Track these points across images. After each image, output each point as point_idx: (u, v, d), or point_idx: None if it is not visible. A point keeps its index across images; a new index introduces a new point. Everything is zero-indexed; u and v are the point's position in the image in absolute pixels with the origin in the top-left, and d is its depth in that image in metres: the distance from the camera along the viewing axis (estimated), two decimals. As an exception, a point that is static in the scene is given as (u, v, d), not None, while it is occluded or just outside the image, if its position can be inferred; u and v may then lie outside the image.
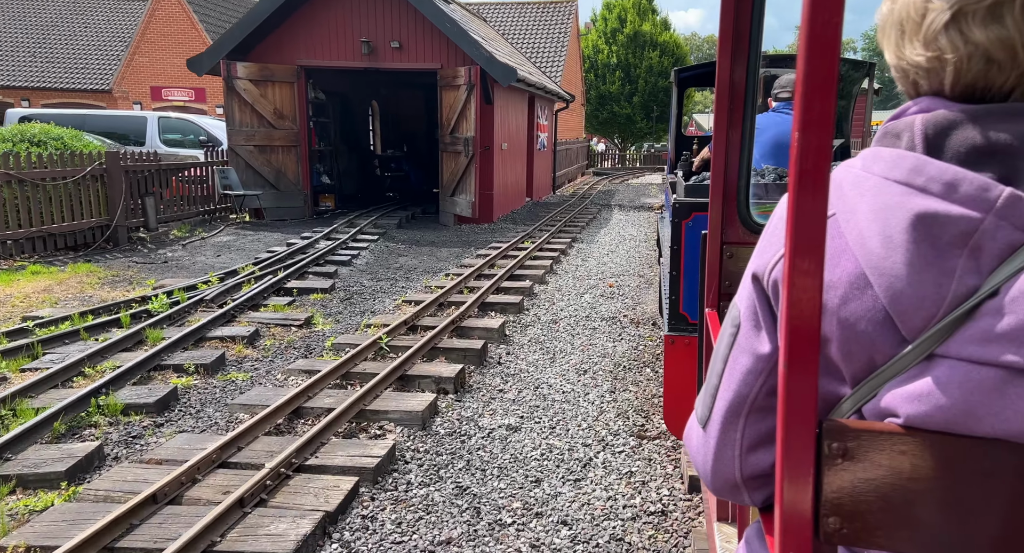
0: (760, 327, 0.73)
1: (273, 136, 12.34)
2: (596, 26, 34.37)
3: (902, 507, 0.61)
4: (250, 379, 4.63)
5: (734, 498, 0.81)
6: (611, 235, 11.96)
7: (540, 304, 7.12)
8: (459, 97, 12.04)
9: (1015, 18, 0.60)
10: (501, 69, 11.78)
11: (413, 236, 11.44)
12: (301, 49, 12.43)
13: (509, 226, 12.62)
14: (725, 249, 1.78)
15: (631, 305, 7.18)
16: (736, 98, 1.71)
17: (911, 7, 0.66)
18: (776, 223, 0.73)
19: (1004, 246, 0.58)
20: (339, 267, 8.54)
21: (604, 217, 14.55)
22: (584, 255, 10.04)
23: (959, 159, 0.62)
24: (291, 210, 12.66)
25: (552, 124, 19.09)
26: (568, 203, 16.56)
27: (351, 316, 6.43)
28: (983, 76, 0.63)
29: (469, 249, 10.34)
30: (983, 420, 0.59)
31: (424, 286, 7.63)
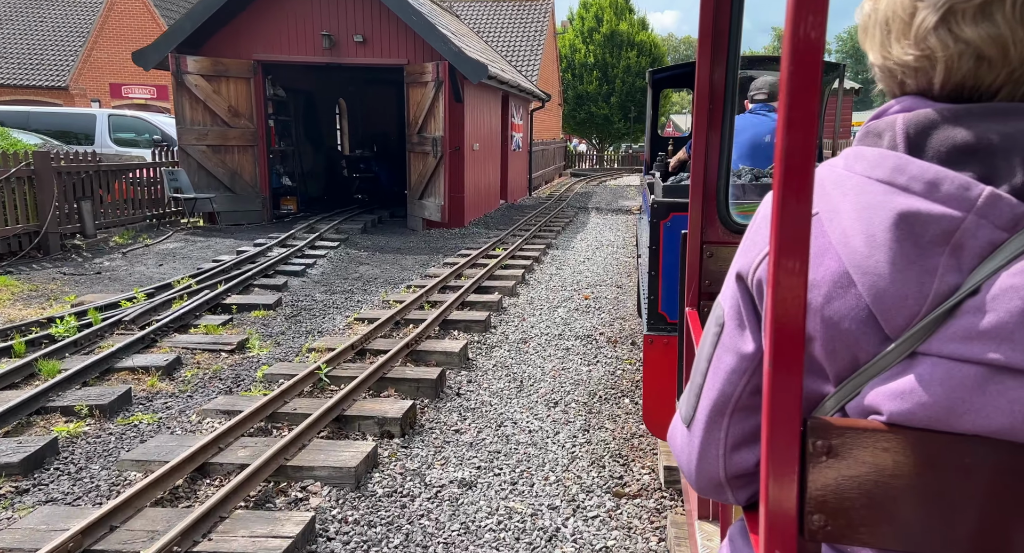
0: (744, 326, 0.73)
1: (228, 135, 11.51)
2: (573, 25, 33.82)
3: (885, 504, 0.62)
4: (157, 422, 3.88)
5: (718, 497, 0.80)
6: (587, 240, 11.33)
7: (509, 320, 6.45)
8: (427, 94, 11.32)
9: (1005, 16, 0.60)
10: (471, 65, 11.09)
11: (377, 242, 10.70)
12: (258, 43, 11.61)
13: (481, 231, 11.94)
14: (705, 249, 1.77)
15: (608, 320, 6.54)
16: (716, 99, 1.70)
17: (898, 6, 0.65)
18: (760, 222, 0.73)
19: (985, 244, 0.58)
20: (290, 278, 7.78)
21: (581, 221, 13.93)
22: (559, 263, 9.39)
23: (940, 158, 0.62)
24: (248, 214, 11.84)
25: (527, 124, 18.44)
26: (544, 206, 15.92)
27: (294, 337, 5.70)
28: (972, 75, 0.63)
29: (437, 257, 9.63)
30: (964, 417, 0.59)
31: (382, 300, 6.91)
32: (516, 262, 8.92)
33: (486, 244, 10.14)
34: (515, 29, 27.08)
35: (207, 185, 11.42)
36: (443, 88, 11.02)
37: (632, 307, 7.02)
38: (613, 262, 9.50)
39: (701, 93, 1.69)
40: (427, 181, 11.62)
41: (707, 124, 1.72)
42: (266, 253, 8.89)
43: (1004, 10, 0.60)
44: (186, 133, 11.17)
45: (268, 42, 11.62)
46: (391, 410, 3.96)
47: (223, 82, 11.35)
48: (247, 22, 11.54)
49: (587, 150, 35.29)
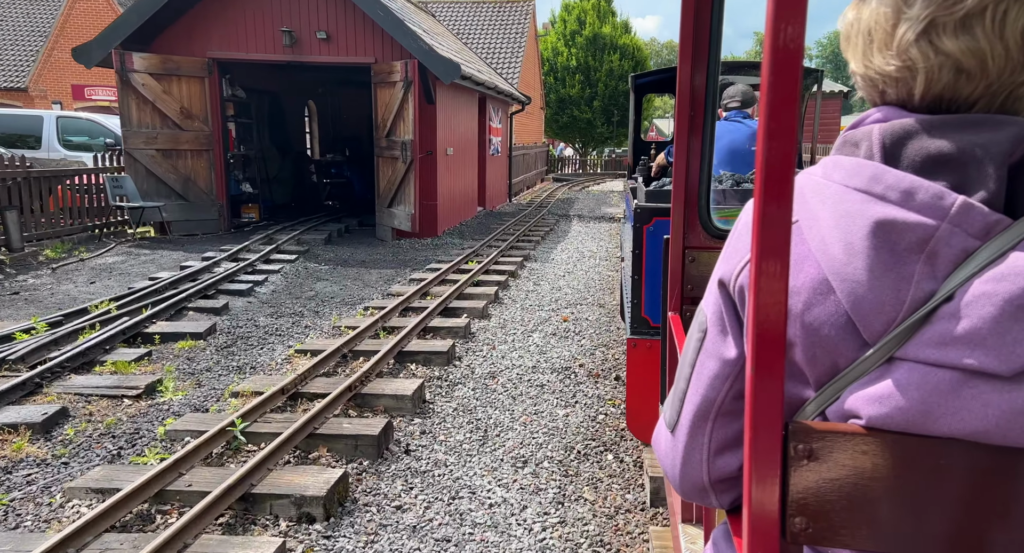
0: (726, 332, 0.74)
1: (180, 139, 10.59)
2: (555, 28, 33.16)
3: (864, 506, 0.62)
4: (4, 510, 3.00)
5: (702, 501, 0.81)
6: (568, 251, 10.55)
7: (477, 349, 5.63)
8: (395, 95, 10.49)
9: (985, 30, 0.60)
10: (442, 64, 10.28)
11: (341, 254, 9.83)
12: (213, 39, 10.71)
13: (455, 241, 11.11)
14: (687, 253, 1.77)
15: (588, 348, 5.74)
16: (696, 105, 1.70)
17: (881, 17, 0.66)
18: (741, 230, 0.74)
19: (959, 252, 0.59)
20: (234, 299, 6.90)
21: (562, 229, 13.15)
22: (537, 277, 8.59)
23: (915, 168, 0.63)
24: (203, 223, 10.91)
25: (507, 127, 17.66)
26: (524, 213, 15.13)
27: (220, 376, 4.83)
28: (952, 86, 0.63)
29: (404, 271, 8.79)
30: (939, 420, 0.59)
31: (332, 327, 6.05)
32: (490, 278, 8.11)
33: (459, 256, 9.32)
34: (495, 31, 26.33)
35: (157, 192, 10.48)
36: (413, 88, 10.19)
37: (617, 333, 6.24)
38: (595, 276, 8.72)
39: (682, 99, 1.68)
40: (396, 188, 10.78)
41: (688, 130, 1.71)
42: (212, 268, 7.99)
43: (984, 24, 0.60)
44: (133, 136, 10.23)
45: (224, 39, 10.72)
46: (314, 484, 3.12)
47: (174, 81, 10.42)
48: (201, 17, 10.64)
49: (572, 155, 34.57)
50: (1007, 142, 0.61)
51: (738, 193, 3.08)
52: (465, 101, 13.16)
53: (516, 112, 17.89)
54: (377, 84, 10.85)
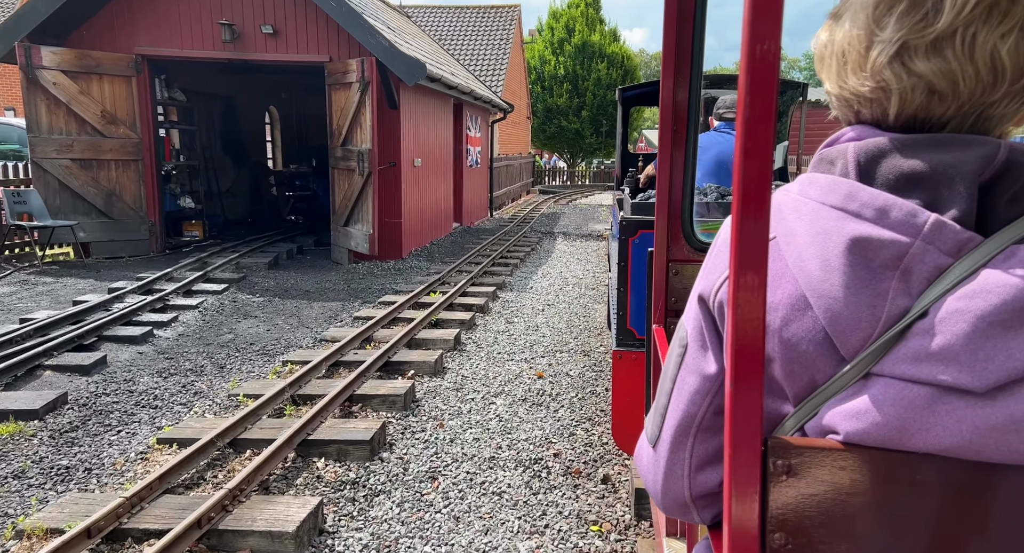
0: (706, 348, 0.73)
1: (102, 147, 9.08)
2: (542, 36, 31.95)
3: (842, 521, 0.63)
4: None
5: (684, 516, 0.80)
6: (550, 277, 9.11)
7: (418, 428, 4.17)
8: (351, 98, 9.05)
9: (955, 52, 0.62)
10: (404, 63, 8.86)
11: (284, 282, 8.34)
12: (141, 33, 9.24)
13: (422, 265, 9.65)
14: (671, 266, 1.78)
15: (568, 423, 4.29)
16: (679, 118, 1.71)
17: (855, 39, 0.67)
18: (720, 246, 0.74)
19: (932, 269, 0.60)
20: (120, 348, 5.40)
21: (545, 249, 11.72)
22: (511, 312, 7.14)
23: (888, 186, 0.64)
24: (130, 245, 9.39)
25: (487, 137, 16.26)
26: (505, 230, 13.70)
27: (22, 492, 3.32)
28: (925, 107, 0.65)
29: (352, 304, 7.31)
30: (915, 436, 0.60)
31: (229, 394, 4.55)
32: (453, 315, 6.64)
33: (422, 285, 7.86)
34: (479, 37, 25.03)
35: (73, 209, 8.96)
36: (370, 90, 8.76)
37: (605, 396, 4.79)
38: (580, 310, 7.28)
39: (665, 112, 1.70)
40: (353, 204, 9.32)
41: (671, 143, 1.71)
42: (110, 305, 6.48)
43: (954, 47, 0.61)
44: (42, 143, 8.71)
45: (154, 33, 9.25)
46: None
47: (94, 81, 8.93)
48: (127, 8, 9.17)
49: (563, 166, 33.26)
50: (976, 161, 0.61)
51: (722, 206, 3.02)
52: (437, 107, 11.74)
53: (497, 120, 16.50)
54: (332, 86, 9.41)
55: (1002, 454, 0.58)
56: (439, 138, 12.01)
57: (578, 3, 31.70)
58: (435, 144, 11.73)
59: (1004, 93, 0.62)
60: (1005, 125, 0.66)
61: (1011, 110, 0.64)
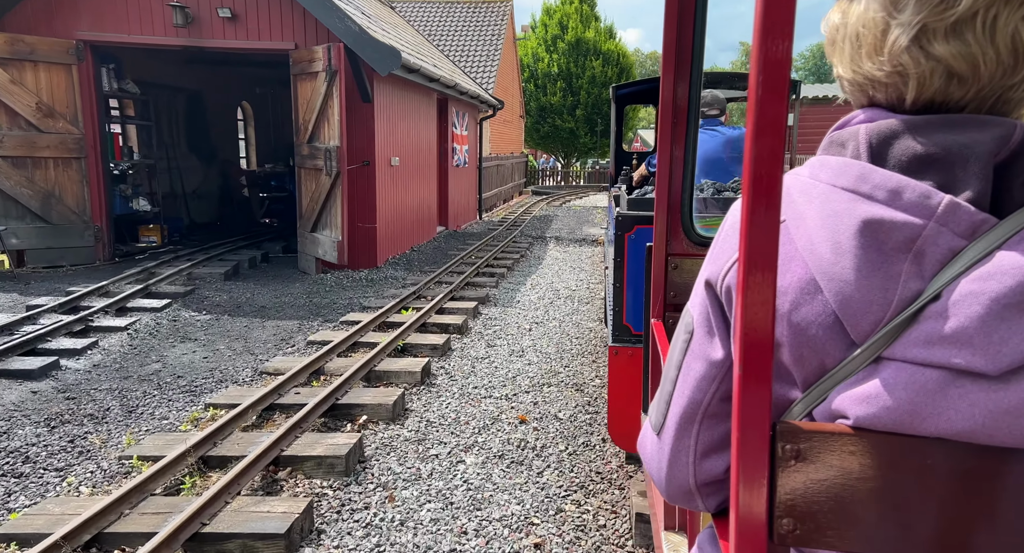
0: (713, 333, 0.72)
1: (37, 143, 8.07)
2: (536, 32, 31.00)
3: (851, 506, 0.62)
4: None
5: (688, 504, 0.79)
6: (540, 289, 8.15)
7: (359, 504, 3.19)
8: (317, 89, 8.07)
9: (976, 35, 0.60)
10: (377, 50, 7.88)
11: (239, 295, 7.35)
12: (83, 17, 8.23)
13: (398, 275, 8.67)
14: (670, 261, 1.77)
15: (555, 494, 3.32)
16: (679, 114, 1.71)
17: (871, 22, 0.64)
18: (728, 230, 0.72)
19: (945, 251, 0.58)
20: (9, 386, 4.40)
21: (536, 255, 10.76)
22: (494, 333, 6.18)
23: (901, 167, 0.62)
24: (72, 252, 8.38)
25: (475, 135, 15.29)
26: (493, 234, 12.74)
27: None
28: (943, 91, 0.63)
29: (311, 323, 6.34)
30: (927, 420, 0.59)
31: (120, 456, 3.54)
32: (424, 339, 5.67)
33: (394, 299, 6.89)
34: (470, 33, 24.07)
35: (3, 212, 7.94)
36: (338, 81, 7.78)
37: (603, 449, 3.84)
38: (572, 330, 6.32)
39: (665, 108, 1.69)
40: (320, 208, 8.33)
41: (671, 138, 1.71)
42: (17, 327, 5.48)
43: (975, 29, 0.60)
44: (-33, 139, 7.70)
45: (97, 16, 8.24)
46: None
47: (28, 69, 7.92)
48: (68, -13, 8.17)
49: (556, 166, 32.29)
50: (992, 142, 0.60)
51: (719, 201, 3.02)
52: (418, 102, 10.76)
53: (487, 118, 15.54)
54: (297, 76, 8.43)
55: (1015, 438, 0.57)
56: (421, 135, 11.04)
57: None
58: (416, 142, 10.76)
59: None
60: (1023, 108, 0.64)
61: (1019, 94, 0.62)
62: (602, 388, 4.84)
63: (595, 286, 8.42)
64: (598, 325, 6.57)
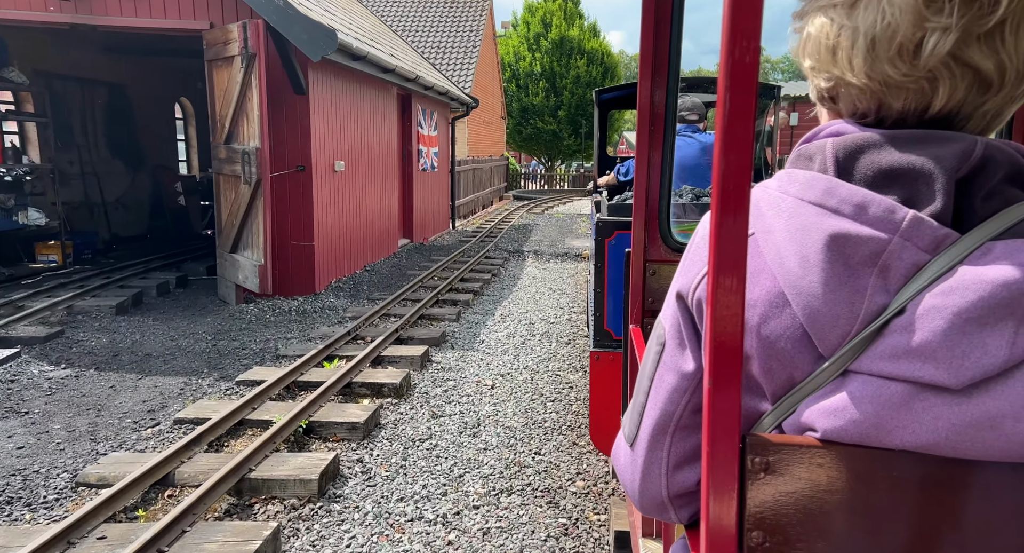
0: (684, 345, 0.71)
1: None
2: (518, 30, 29.49)
3: (820, 519, 0.62)
4: None
5: (661, 516, 0.79)
6: (512, 321, 6.59)
7: None
8: (233, 78, 6.46)
9: (1005, 41, 0.59)
10: (306, 29, 6.29)
11: (125, 338, 5.72)
12: (-60, -14, 6.56)
13: (339, 303, 7.07)
14: (648, 267, 1.77)
15: None
16: (656, 119, 1.71)
17: (896, 25, 0.60)
18: (699, 242, 0.72)
19: (910, 266, 0.59)
20: None
21: (510, 274, 9.21)
22: (444, 392, 4.60)
23: (867, 182, 0.62)
24: (-69, 280, 6.69)
25: (447, 136, 13.71)
26: (465, 247, 11.17)
27: None
28: (965, 98, 0.61)
29: (201, 381, 4.73)
30: (892, 433, 0.59)
31: None
32: (342, 412, 4.08)
33: (322, 344, 5.31)
34: (446, 29, 22.50)
35: None
36: (257, 66, 6.18)
37: None
38: (548, 387, 4.76)
39: (643, 114, 1.71)
40: (240, 223, 6.71)
41: (648, 144, 1.72)
42: None
43: (1004, 36, 0.59)
44: None
45: (-41, -15, 6.58)
46: None
47: None
48: (-80, -50, 6.49)
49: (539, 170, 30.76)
50: (953, 158, 0.60)
51: (698, 207, 3.00)
52: (372, 97, 9.17)
53: (459, 117, 13.96)
54: (212, 62, 6.81)
55: (977, 451, 0.57)
56: (377, 136, 9.44)
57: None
58: (371, 143, 9.16)
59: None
60: (1003, 123, 0.64)
61: (1014, 108, 0.63)
62: (586, 498, 3.30)
63: (578, 316, 6.88)
64: (581, 377, 5.03)
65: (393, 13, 22.60)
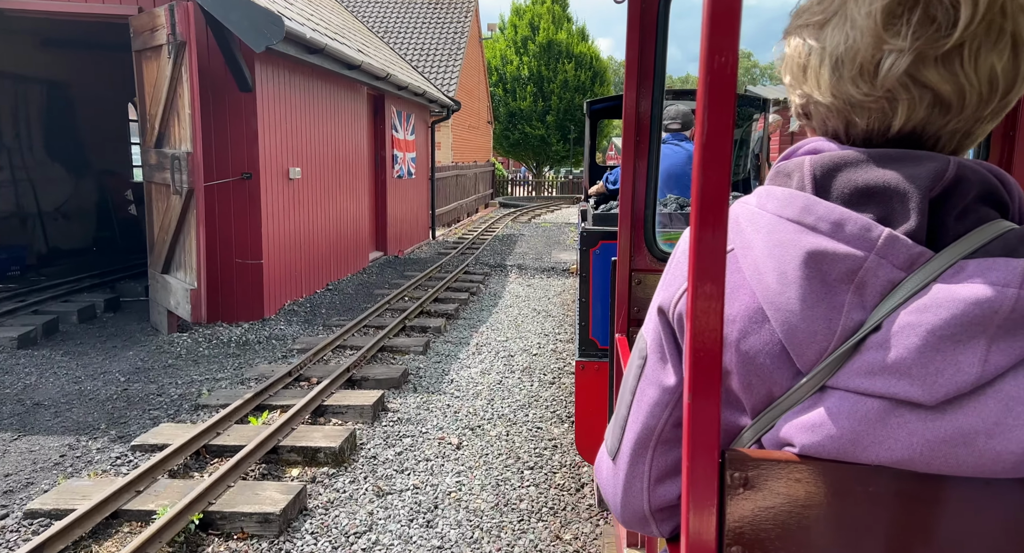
0: (666, 360, 0.71)
1: None
2: (505, 34, 28.66)
3: (798, 534, 0.62)
4: None
5: (643, 529, 0.78)
6: (488, 353, 5.65)
7: None
8: (163, 70, 5.50)
9: (964, 64, 0.59)
10: (247, 15, 5.35)
11: (19, 379, 4.72)
12: None
13: (290, 332, 6.11)
14: (633, 276, 1.77)
15: None
16: (642, 129, 1.72)
17: (857, 46, 0.62)
18: (679, 257, 0.72)
19: (885, 283, 0.59)
20: None
21: (491, 292, 8.29)
22: (397, 456, 3.66)
23: (843, 200, 0.62)
24: None
25: (426, 141, 12.77)
26: (443, 260, 10.23)
27: None
28: (927, 119, 0.62)
29: (92, 443, 3.75)
30: (868, 448, 0.59)
31: None
32: (256, 493, 3.12)
33: (254, 389, 4.36)
34: (430, 30, 21.61)
35: None
36: (187, 56, 5.21)
37: None
38: (526, 448, 3.83)
39: (628, 123, 1.72)
40: (172, 240, 5.73)
41: (634, 153, 1.73)
42: None
43: (963, 59, 0.59)
44: None
45: None
46: None
47: None
48: None
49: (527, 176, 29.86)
50: (927, 177, 0.60)
51: (683, 217, 3.03)
52: (336, 96, 8.23)
53: (439, 120, 13.03)
54: (140, 53, 5.85)
55: (951, 467, 0.58)
56: (343, 140, 8.49)
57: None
58: (335, 148, 8.21)
59: (992, 109, 0.62)
60: (975, 143, 0.65)
61: (987, 128, 0.64)
62: None
63: (564, 345, 5.97)
64: (566, 431, 4.11)
65: (374, 14, 21.69)
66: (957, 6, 0.57)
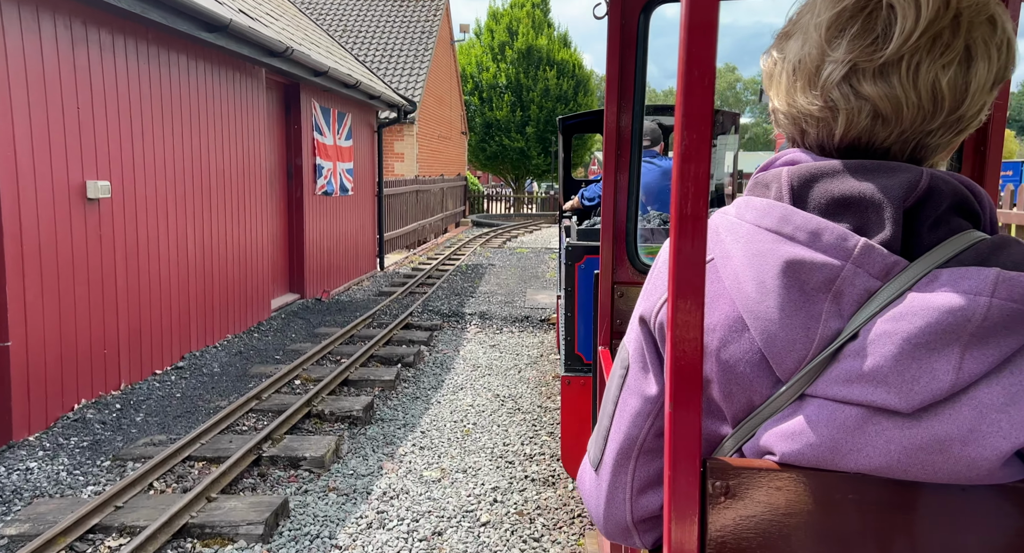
0: (648, 369, 0.71)
1: None
2: (480, 39, 26.16)
3: (779, 542, 0.61)
4: None
5: (625, 541, 0.77)
6: (394, 517, 2.87)
7: None
8: None
9: (901, 78, 0.61)
10: None
11: None
12: None
13: (46, 472, 3.30)
14: (616, 289, 1.78)
15: None
16: (623, 144, 1.74)
17: (807, 58, 0.65)
18: (660, 267, 0.72)
19: (862, 292, 0.59)
20: None
21: (437, 361, 5.55)
22: None
23: (820, 210, 0.63)
24: None
25: (372, 148, 10.02)
26: (380, 306, 7.47)
27: None
28: (869, 131, 0.64)
29: None
30: (847, 456, 0.59)
31: None
32: None
33: None
34: (394, 30, 19.04)
35: None
36: None
37: None
38: None
39: (609, 138, 1.73)
40: None
41: (615, 167, 1.74)
42: None
43: (900, 73, 0.61)
44: None
45: None
46: None
47: None
48: None
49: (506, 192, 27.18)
50: (900, 188, 0.61)
51: (665, 231, 2.99)
52: (204, 77, 5.48)
53: (387, 124, 10.31)
54: None
55: (927, 474, 0.58)
56: (219, 140, 5.73)
57: (523, 2, 26.05)
58: (199, 152, 5.45)
59: (941, 123, 0.62)
60: (939, 154, 0.66)
61: (944, 141, 0.64)
62: None
63: (556, 466, 3.24)
64: None
65: (330, 11, 19.05)
66: (895, 20, 0.58)
